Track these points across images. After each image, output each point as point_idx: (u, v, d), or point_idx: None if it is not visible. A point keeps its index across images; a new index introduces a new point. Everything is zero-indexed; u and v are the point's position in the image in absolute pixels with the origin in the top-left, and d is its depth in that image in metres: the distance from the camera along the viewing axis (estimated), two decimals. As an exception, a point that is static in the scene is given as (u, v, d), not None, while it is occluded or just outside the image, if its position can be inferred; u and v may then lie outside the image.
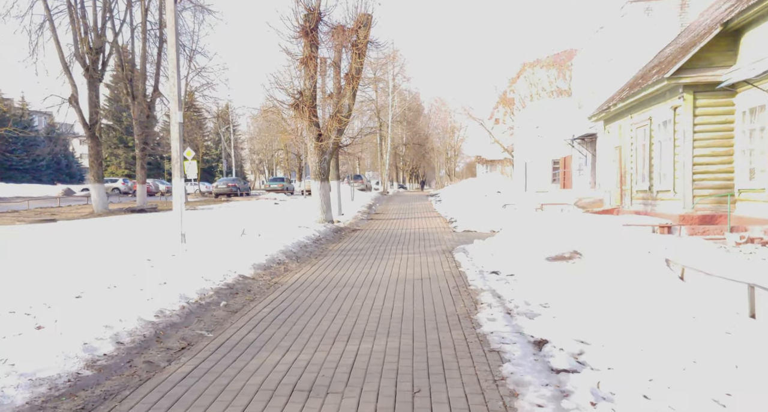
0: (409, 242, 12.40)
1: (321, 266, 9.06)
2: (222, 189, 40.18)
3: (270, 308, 6.06)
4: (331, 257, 10.09)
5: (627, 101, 20.17)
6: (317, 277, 8.10)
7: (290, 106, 16.88)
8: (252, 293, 6.79)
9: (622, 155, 22.17)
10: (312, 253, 10.40)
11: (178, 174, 12.85)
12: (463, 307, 6.35)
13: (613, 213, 22.60)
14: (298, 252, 9.88)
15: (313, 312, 5.97)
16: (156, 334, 4.74)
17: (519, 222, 15.19)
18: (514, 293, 7.10)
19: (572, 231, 14.06)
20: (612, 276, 8.23)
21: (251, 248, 9.87)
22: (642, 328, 5.57)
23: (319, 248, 11.11)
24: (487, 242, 10.92)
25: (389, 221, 18.40)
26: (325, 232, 12.83)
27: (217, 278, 7.13)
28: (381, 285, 7.54)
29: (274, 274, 8.04)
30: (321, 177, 17.12)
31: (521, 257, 9.43)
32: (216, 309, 5.83)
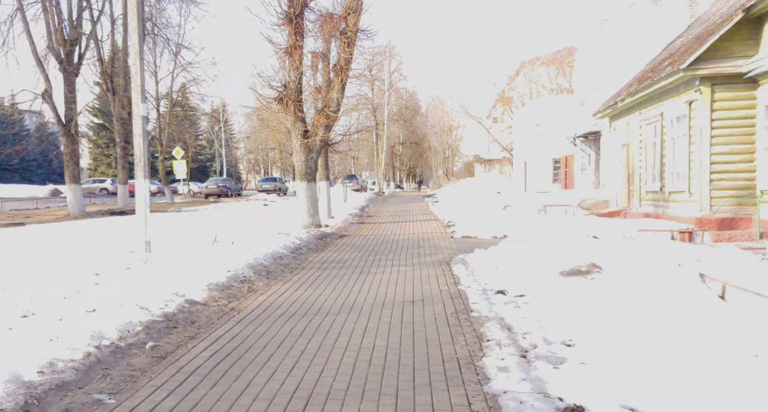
0: (401, 251, 10.92)
1: (294, 284, 7.56)
2: (212, 190, 38.63)
3: (211, 351, 4.58)
4: (309, 271, 8.59)
5: (636, 96, 18.71)
6: (286, 300, 6.61)
7: (274, 100, 15.38)
8: (196, 326, 5.30)
9: (630, 154, 20.71)
10: (288, 266, 8.90)
11: (141, 174, 11.36)
12: (464, 345, 4.88)
13: (620, 215, 21.16)
14: (271, 266, 8.39)
15: (267, 357, 4.48)
16: (25, 405, 3.25)
17: (522, 227, 13.71)
18: (527, 322, 5.64)
19: (583, 238, 12.58)
20: (640, 297, 6.76)
21: (217, 260, 8.40)
22: (700, 379, 4.11)
23: (298, 259, 9.62)
24: (489, 251, 9.44)
25: (382, 225, 16.91)
26: (307, 239, 11.34)
27: (157, 304, 5.66)
28: (363, 311, 6.06)
29: (233, 296, 6.55)
30: (308, 177, 15.64)
31: (530, 272, 7.97)
32: (137, 354, 4.35)
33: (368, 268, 8.95)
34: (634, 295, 6.82)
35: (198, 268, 7.73)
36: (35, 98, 20.72)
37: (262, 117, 33.40)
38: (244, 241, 11.20)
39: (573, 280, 7.67)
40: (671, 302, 6.62)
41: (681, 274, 7.80)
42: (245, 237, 11.80)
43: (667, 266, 8.32)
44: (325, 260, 9.65)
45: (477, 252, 9.65)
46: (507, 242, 9.52)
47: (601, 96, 25.53)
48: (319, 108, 15.64)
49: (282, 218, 18.21)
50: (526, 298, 6.73)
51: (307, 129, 15.65)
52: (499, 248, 9.39)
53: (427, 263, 9.37)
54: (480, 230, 13.45)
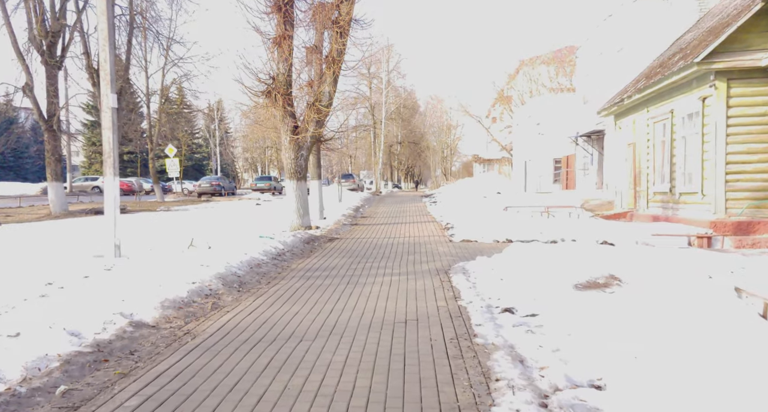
0: (395, 257, 9.85)
1: (269, 299, 6.48)
2: (205, 188, 37.49)
3: (142, 397, 3.50)
4: (290, 282, 7.52)
5: (644, 92, 17.65)
6: (255, 319, 5.53)
7: (261, 93, 14.30)
8: (135, 358, 4.23)
9: (637, 153, 19.66)
10: (266, 275, 7.82)
11: (110, 172, 10.26)
12: (467, 387, 3.82)
13: (626, 217, 20.11)
14: (245, 275, 7.32)
15: (212, 407, 3.42)
16: None
17: (526, 230, 12.66)
18: (543, 353, 4.58)
19: (594, 243, 11.53)
20: (669, 316, 5.69)
21: (186, 268, 7.33)
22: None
23: (279, 266, 8.53)
24: (492, 259, 8.38)
25: (376, 226, 15.84)
26: (292, 243, 10.26)
27: (92, 327, 4.61)
28: (345, 336, 4.99)
29: (192, 316, 5.47)
30: (297, 176, 14.56)
31: (540, 284, 6.91)
32: (40, 405, 3.28)
33: (357, 278, 7.88)
34: (663, 314, 5.76)
35: (162, 278, 6.66)
36: (15, 92, 19.61)
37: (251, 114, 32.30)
38: (223, 245, 10.13)
39: (590, 295, 6.60)
40: (706, 324, 5.56)
41: (713, 288, 6.75)
42: (226, 240, 10.74)
43: (695, 278, 7.26)
44: (310, 268, 8.58)
45: (479, 260, 8.59)
46: (512, 249, 8.45)
47: (605, 94, 24.49)
48: (310, 102, 14.57)
49: (272, 218, 17.15)
50: (539, 318, 5.66)
51: (297, 125, 14.58)
52: (504, 256, 8.33)
53: (424, 272, 8.30)
54: (481, 234, 12.39)
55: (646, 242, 11.47)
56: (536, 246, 8.29)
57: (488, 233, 12.42)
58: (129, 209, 24.35)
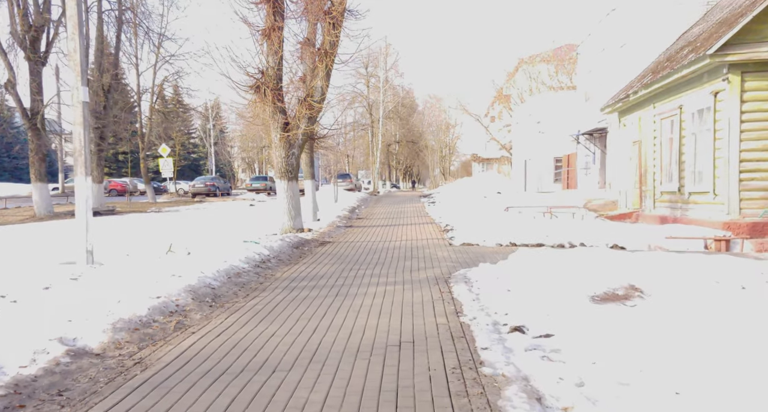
0: (391, 263, 9.02)
1: (244, 315, 5.65)
2: (199, 189, 36.59)
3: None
4: (270, 294, 6.68)
5: (651, 88, 16.83)
6: (222, 343, 4.69)
7: (250, 88, 13.47)
8: (63, 400, 3.39)
9: (642, 151, 18.85)
10: (245, 286, 6.98)
11: (81, 171, 9.42)
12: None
13: (631, 217, 19.30)
14: (221, 287, 6.49)
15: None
16: None
17: (530, 232, 11.83)
18: (565, 388, 3.76)
19: (605, 247, 10.71)
20: (709, 337, 4.88)
21: (156, 278, 6.50)
22: None
23: (261, 275, 7.69)
24: (497, 266, 7.55)
25: (372, 228, 15.01)
26: (279, 248, 9.42)
27: (20, 358, 3.78)
28: (327, 365, 4.16)
29: (149, 339, 4.63)
30: (288, 176, 13.73)
31: (552, 296, 6.09)
32: None
33: (347, 288, 7.04)
34: (699, 334, 4.93)
35: (124, 291, 5.83)
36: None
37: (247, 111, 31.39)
38: (204, 250, 9.30)
39: (609, 309, 5.78)
40: (746, 343, 4.74)
41: (748, 301, 5.94)
42: (209, 245, 9.90)
43: (725, 287, 6.45)
44: (296, 277, 7.73)
45: (482, 267, 7.76)
46: (518, 255, 7.62)
47: (608, 91, 23.68)
48: (302, 98, 13.73)
49: (263, 220, 16.32)
50: (555, 340, 4.83)
51: (288, 121, 13.74)
52: (510, 263, 7.50)
53: (422, 281, 7.47)
54: (482, 236, 11.56)
55: (660, 245, 10.66)
56: (545, 252, 7.46)
57: (490, 236, 11.59)
58: (118, 210, 23.50)
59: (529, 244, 10.98)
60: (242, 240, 9.50)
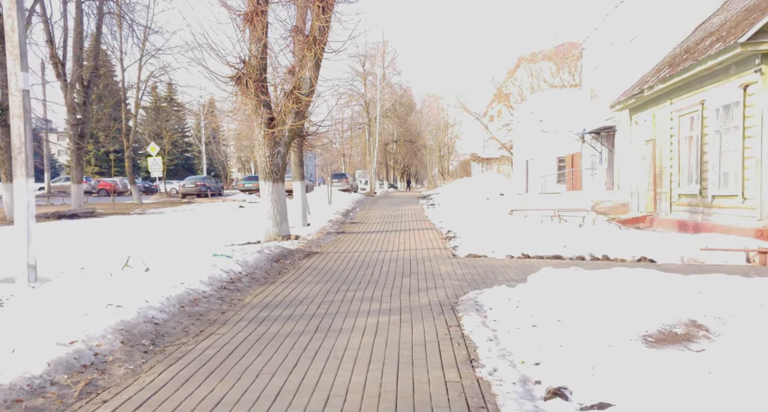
0: (386, 282, 7.57)
1: (186, 369, 4.16)
2: (190, 189, 35.04)
3: None
4: (230, 330, 5.22)
5: (669, 82, 15.41)
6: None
7: (230, 79, 12.01)
8: None
9: (657, 151, 17.44)
10: (201, 318, 5.52)
11: (22, 171, 7.92)
12: None
13: (644, 222, 17.89)
14: (167, 321, 5.03)
15: None
16: None
17: (543, 241, 10.40)
18: None
19: (632, 259, 9.29)
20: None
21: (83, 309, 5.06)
22: None
23: (226, 301, 6.23)
24: (517, 290, 6.12)
25: (366, 235, 13.56)
26: (255, 263, 7.97)
27: None
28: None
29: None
30: (273, 177, 12.27)
31: (592, 334, 4.67)
32: None
33: (330, 319, 5.60)
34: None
35: (38, 329, 4.39)
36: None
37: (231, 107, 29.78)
38: (168, 264, 7.85)
39: (671, 356, 4.34)
40: None
41: None
42: (175, 258, 8.44)
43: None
44: (269, 303, 6.27)
45: (496, 290, 6.33)
46: (540, 276, 6.17)
47: (616, 87, 22.28)
48: (288, 90, 12.28)
49: (250, 223, 14.85)
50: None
51: (273, 116, 12.29)
52: (531, 286, 6.06)
53: (423, 309, 6.02)
54: (490, 246, 10.12)
55: (693, 257, 9.25)
56: (571, 272, 6.03)
57: (499, 246, 10.15)
58: (99, 212, 22.01)
59: (544, 256, 9.55)
60: (212, 253, 8.05)
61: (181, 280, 6.23)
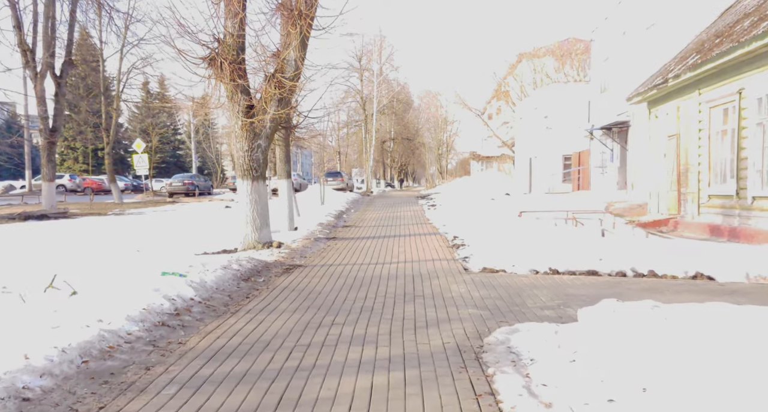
0: (382, 311, 5.76)
1: None
2: (177, 188, 33.11)
3: None
4: (147, 407, 3.40)
5: (699, 70, 13.62)
6: None
7: (203, 60, 10.19)
8: None
9: (682, 147, 15.67)
10: (110, 381, 3.69)
11: None
12: None
13: (667, 225, 16.11)
14: (51, 392, 3.24)
15: None
16: None
17: (571, 252, 8.61)
18: None
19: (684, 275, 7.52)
20: None
21: None
22: None
23: (159, 346, 4.39)
24: (568, 333, 4.34)
25: (360, 242, 11.75)
26: (216, 284, 6.16)
27: None
28: None
29: None
30: (252, 174, 10.46)
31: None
32: None
33: (301, 381, 3.79)
34: None
35: None
36: None
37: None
38: (106, 284, 6.05)
39: None
40: None
41: None
42: (115, 276, 6.63)
43: None
44: (219, 348, 4.46)
45: (535, 329, 4.55)
46: (601, 315, 4.35)
47: (630, 79, 20.53)
48: (270, 73, 10.46)
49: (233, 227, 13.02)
50: None
51: (252, 104, 10.48)
52: (590, 329, 4.26)
53: (436, 359, 4.23)
54: (508, 258, 8.33)
55: (763, 274, 7.47)
56: (647, 310, 4.23)
57: (518, 257, 8.36)
58: (73, 212, 20.15)
59: (576, 271, 7.77)
60: (161, 273, 6.24)
61: (99, 315, 4.42)
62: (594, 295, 6.44)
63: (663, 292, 6.59)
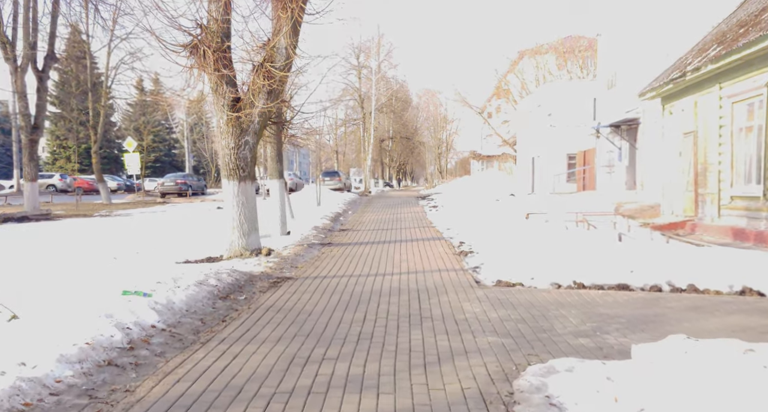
0: (384, 341, 4.75)
1: None
2: (169, 188, 32.03)
3: None
4: None
5: (723, 61, 12.63)
6: None
7: (184, 48, 9.19)
8: None
9: (700, 144, 14.70)
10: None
11: None
12: None
13: (684, 228, 15.13)
14: None
15: None
16: None
17: (595, 261, 7.63)
18: None
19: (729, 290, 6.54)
20: None
21: None
22: None
23: (99, 396, 3.41)
24: (626, 381, 3.34)
25: (357, 248, 10.75)
26: (186, 304, 5.17)
27: None
28: None
29: None
30: (239, 174, 9.46)
31: None
32: None
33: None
34: None
35: None
36: None
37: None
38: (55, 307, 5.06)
39: None
40: None
41: None
42: (73, 293, 5.63)
43: None
44: (179, 394, 3.46)
45: (579, 372, 3.57)
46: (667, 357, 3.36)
47: (641, 74, 19.58)
48: (258, 63, 9.46)
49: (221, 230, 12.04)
50: None
51: (239, 96, 9.48)
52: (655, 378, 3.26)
53: (455, 408, 3.23)
54: (525, 268, 7.34)
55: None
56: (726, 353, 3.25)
57: (536, 267, 7.38)
58: (57, 214, 19.13)
59: (605, 285, 6.79)
60: (122, 292, 5.24)
61: (23, 356, 3.43)
62: (632, 316, 5.46)
63: (712, 312, 5.61)
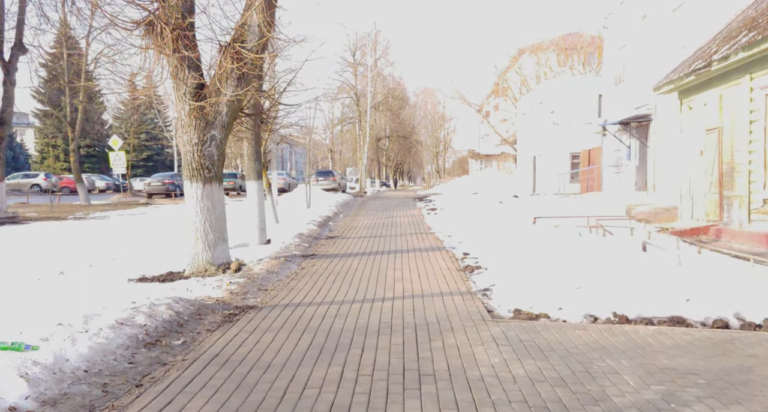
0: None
1: None
2: (156, 188, 30.44)
3: None
4: None
5: (757, 48, 11.18)
6: None
7: (139, 25, 7.61)
8: None
9: (726, 142, 13.15)
10: None
11: None
12: None
13: (707, 233, 13.56)
14: None
15: None
16: None
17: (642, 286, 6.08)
18: None
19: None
20: None
21: None
22: None
23: None
24: None
25: (343, 261, 9.15)
26: (97, 353, 3.64)
27: None
28: None
29: None
30: (203, 174, 7.89)
31: None
32: None
33: None
34: None
35: None
36: None
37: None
38: None
39: None
40: None
41: None
42: None
43: None
44: None
45: None
46: None
47: (652, 68, 18.06)
48: (225, 43, 7.88)
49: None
50: None
51: (203, 82, 7.91)
52: None
53: None
54: (545, 291, 5.79)
55: None
56: None
57: (560, 291, 5.83)
58: (27, 216, 17.55)
59: (654, 319, 5.24)
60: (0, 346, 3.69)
61: None
62: (709, 372, 3.91)
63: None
